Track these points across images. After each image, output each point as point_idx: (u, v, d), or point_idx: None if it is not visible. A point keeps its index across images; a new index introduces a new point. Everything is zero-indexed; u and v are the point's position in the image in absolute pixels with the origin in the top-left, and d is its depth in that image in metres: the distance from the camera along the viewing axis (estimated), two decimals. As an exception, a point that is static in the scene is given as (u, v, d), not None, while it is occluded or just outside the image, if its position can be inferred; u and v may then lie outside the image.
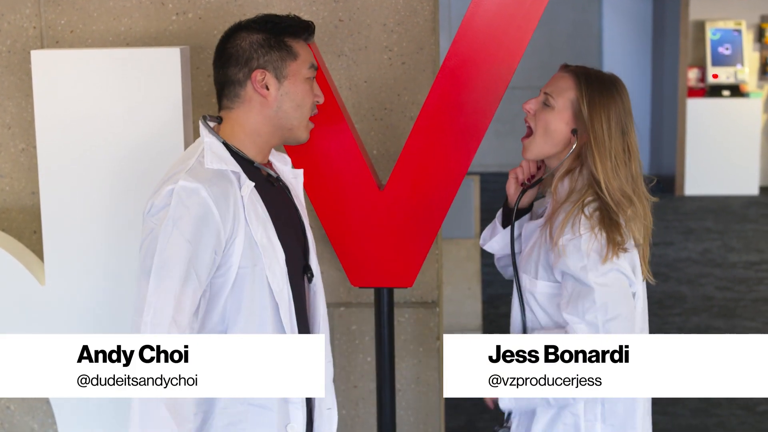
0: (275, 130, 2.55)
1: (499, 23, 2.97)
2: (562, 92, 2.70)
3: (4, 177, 3.45)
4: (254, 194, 2.49)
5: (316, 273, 2.68)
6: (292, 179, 2.70)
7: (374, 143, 3.40)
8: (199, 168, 2.43)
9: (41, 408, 3.56)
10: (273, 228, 2.50)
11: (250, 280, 2.46)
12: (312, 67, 2.55)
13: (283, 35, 2.52)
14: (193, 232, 2.36)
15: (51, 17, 3.38)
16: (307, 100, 2.55)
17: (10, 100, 3.42)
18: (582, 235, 2.59)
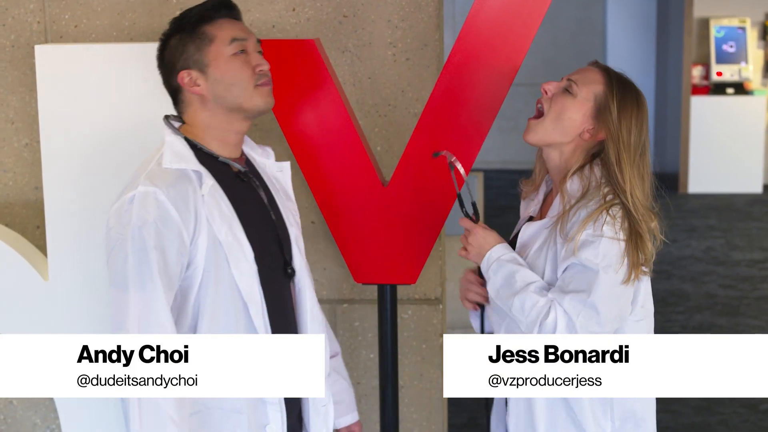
0: (228, 117, 2.53)
1: (503, 20, 2.96)
2: (588, 83, 2.59)
3: (7, 172, 3.45)
4: (216, 191, 2.45)
5: (300, 269, 2.62)
6: (277, 172, 2.68)
7: (378, 140, 3.40)
8: (157, 170, 2.42)
9: (44, 403, 3.56)
10: (240, 225, 2.46)
11: (215, 281, 2.42)
12: (235, 40, 2.50)
13: (195, 26, 2.50)
14: (157, 237, 2.34)
15: (55, 12, 3.38)
16: (239, 75, 2.49)
17: (13, 95, 3.41)
18: (604, 235, 2.47)
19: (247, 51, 2.52)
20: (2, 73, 3.40)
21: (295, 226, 2.66)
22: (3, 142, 3.44)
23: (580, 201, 2.53)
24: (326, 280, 3.48)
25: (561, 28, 12.08)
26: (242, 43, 2.51)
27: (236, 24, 2.55)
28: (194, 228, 2.40)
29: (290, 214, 2.66)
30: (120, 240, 2.36)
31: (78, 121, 3.08)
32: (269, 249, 2.55)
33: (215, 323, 2.44)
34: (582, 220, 2.49)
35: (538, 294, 2.50)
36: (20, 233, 3.42)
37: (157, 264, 2.34)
